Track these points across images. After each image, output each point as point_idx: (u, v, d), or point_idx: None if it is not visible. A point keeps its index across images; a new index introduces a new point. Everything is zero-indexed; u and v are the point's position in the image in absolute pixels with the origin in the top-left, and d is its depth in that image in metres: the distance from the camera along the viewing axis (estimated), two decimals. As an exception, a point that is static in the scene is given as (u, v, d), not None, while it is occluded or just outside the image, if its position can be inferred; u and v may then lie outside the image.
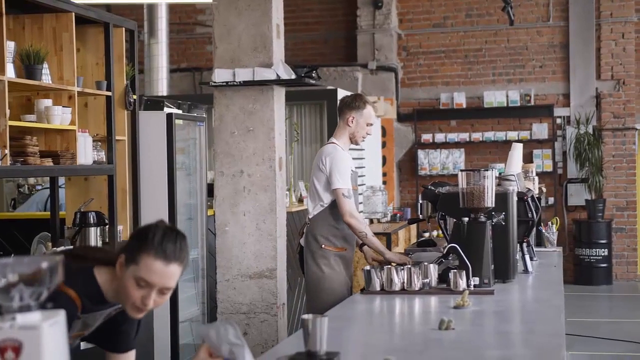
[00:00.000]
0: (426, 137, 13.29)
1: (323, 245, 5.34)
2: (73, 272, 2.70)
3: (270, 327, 5.84)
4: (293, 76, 5.77)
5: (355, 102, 5.44)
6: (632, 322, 10.20)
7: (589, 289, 12.37)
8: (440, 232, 5.34)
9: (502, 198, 4.67)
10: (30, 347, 1.76)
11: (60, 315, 1.82)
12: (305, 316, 2.80)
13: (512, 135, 12.93)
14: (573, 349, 8.29)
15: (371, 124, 5.48)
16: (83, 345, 4.74)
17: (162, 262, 2.66)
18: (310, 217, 5.42)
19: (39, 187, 9.03)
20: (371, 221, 10.48)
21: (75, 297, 2.72)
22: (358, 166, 10.62)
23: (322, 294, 5.34)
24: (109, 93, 5.88)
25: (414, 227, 11.66)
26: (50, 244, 5.75)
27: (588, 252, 12.61)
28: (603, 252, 12.59)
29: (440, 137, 13.24)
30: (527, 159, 12.54)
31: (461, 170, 4.61)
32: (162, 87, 11.16)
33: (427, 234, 10.96)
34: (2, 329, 1.75)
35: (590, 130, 12.74)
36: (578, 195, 12.94)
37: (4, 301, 1.79)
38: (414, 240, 10.70)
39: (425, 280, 4.37)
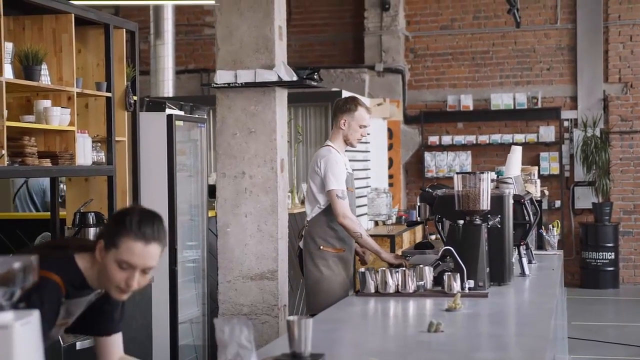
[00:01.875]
0: (433, 139, 13.28)
1: (321, 247, 5.39)
2: (55, 260, 2.81)
3: (272, 329, 5.84)
4: (295, 78, 5.77)
5: (347, 104, 5.49)
6: (638, 326, 10.16)
7: (596, 292, 12.33)
8: (438, 234, 5.33)
9: (498, 201, 4.67)
10: (2, 346, 1.76)
11: (33, 315, 1.83)
12: (290, 318, 2.81)
13: (519, 137, 12.90)
14: (577, 352, 8.26)
15: (364, 126, 5.51)
16: (80, 345, 4.77)
17: (142, 243, 2.75)
18: (308, 219, 5.49)
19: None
20: (376, 223, 10.49)
21: (60, 281, 2.79)
22: (363, 168, 10.65)
23: (321, 295, 5.38)
24: (109, 94, 5.90)
25: (419, 229, 11.64)
26: (50, 244, 5.77)
27: (595, 255, 12.57)
28: (610, 255, 12.55)
29: (447, 139, 13.23)
30: (534, 161, 12.52)
31: (457, 173, 4.61)
32: (167, 88, 11.19)
33: (433, 237, 10.95)
34: (-26, 329, 1.76)
35: (598, 133, 12.70)
36: (585, 199, 12.91)
37: (-23, 301, 1.80)
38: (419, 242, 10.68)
39: (420, 282, 4.37)
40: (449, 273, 4.33)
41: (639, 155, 12.94)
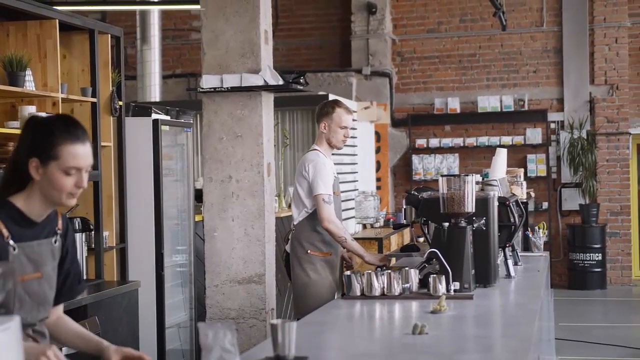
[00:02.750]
0: (420, 142, 13.31)
1: (309, 251, 5.42)
2: None
3: (259, 333, 5.84)
4: (280, 82, 5.78)
5: (325, 108, 5.61)
6: (626, 326, 10.20)
7: (583, 293, 12.37)
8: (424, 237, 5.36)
9: (482, 203, 4.68)
10: (-18, 352, 1.77)
11: (14, 321, 1.84)
12: (274, 321, 2.82)
13: (506, 140, 12.94)
14: (564, 353, 8.29)
15: (345, 127, 5.57)
16: (65, 350, 4.75)
17: (80, 144, 2.77)
18: (294, 223, 5.53)
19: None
20: (364, 226, 10.50)
21: None
22: (351, 171, 10.68)
23: (309, 299, 5.40)
24: (95, 100, 5.90)
25: (407, 232, 11.66)
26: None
27: (582, 256, 12.61)
28: (597, 256, 12.59)
29: (434, 142, 13.26)
30: (521, 163, 12.55)
31: (442, 176, 4.63)
32: (154, 93, 11.19)
33: (421, 239, 10.95)
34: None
35: (584, 135, 12.75)
36: (572, 200, 12.95)
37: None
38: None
39: (406, 285, 4.38)
40: (435, 275, 4.34)
41: (625, 156, 12.99)
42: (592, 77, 13.02)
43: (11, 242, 2.75)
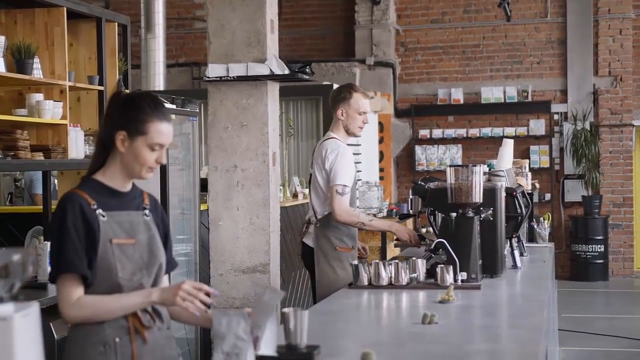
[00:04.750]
0: (423, 132, 13.31)
1: (337, 248, 5.25)
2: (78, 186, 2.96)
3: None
4: (286, 71, 5.76)
5: (341, 93, 5.36)
6: (627, 317, 10.22)
7: (585, 285, 12.39)
8: (430, 227, 5.34)
9: (490, 193, 4.68)
10: (3, 338, 1.77)
11: (33, 307, 1.85)
12: (286, 310, 2.82)
13: (510, 131, 12.94)
14: (567, 344, 8.31)
15: (364, 112, 5.35)
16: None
17: (166, 122, 2.97)
18: (318, 216, 5.29)
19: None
20: (367, 216, 10.49)
21: (81, 192, 2.91)
22: (354, 161, 10.67)
23: None
24: (102, 88, 5.91)
25: (410, 222, 11.67)
26: (42, 237, 5.77)
27: (584, 248, 12.63)
28: (599, 248, 12.61)
29: (437, 132, 13.26)
30: (524, 155, 12.55)
31: (449, 166, 4.62)
32: (159, 82, 11.17)
33: (424, 230, 10.96)
34: (-26, 320, 1.77)
35: (588, 127, 12.76)
36: (575, 192, 12.96)
37: (-23, 293, 1.81)
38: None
39: (413, 275, 4.38)
40: (442, 265, 4.34)
41: (628, 148, 12.99)
42: (596, 69, 13.01)
43: (99, 210, 2.90)
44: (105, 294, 2.89)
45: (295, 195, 8.69)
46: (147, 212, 3.05)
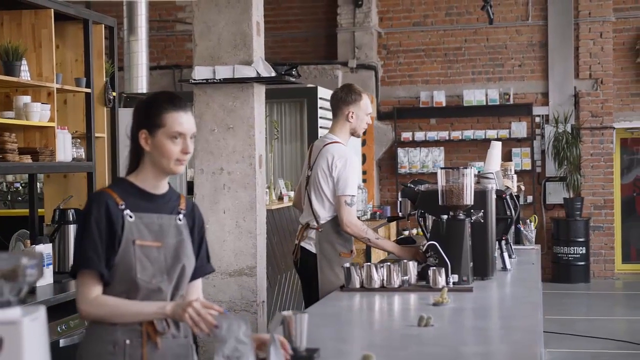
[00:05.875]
0: (406, 135, 13.33)
1: (341, 254, 5.16)
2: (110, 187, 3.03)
3: (251, 325, 5.83)
4: (273, 74, 5.76)
5: (351, 95, 5.19)
6: (609, 319, 10.28)
7: (567, 286, 12.45)
8: (420, 229, 5.35)
9: (481, 196, 4.70)
10: (11, 342, 1.75)
11: (40, 311, 1.83)
12: (286, 313, 2.81)
13: (492, 133, 12.99)
14: (550, 346, 8.35)
15: (369, 113, 5.28)
16: (63, 342, 4.74)
17: (183, 112, 2.98)
18: (321, 222, 5.15)
19: (17, 185, 8.98)
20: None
21: (110, 191, 2.96)
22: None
23: None
24: (89, 90, 5.87)
25: (393, 225, 11.69)
26: (28, 241, 5.72)
27: (566, 250, 12.69)
28: (581, 250, 12.68)
29: (420, 135, 13.28)
30: (506, 157, 12.60)
31: (441, 168, 4.63)
32: (141, 84, 11.13)
33: (406, 232, 11.00)
34: (-18, 325, 1.75)
35: (569, 129, 12.82)
36: (556, 194, 13.03)
37: (-16, 297, 1.79)
38: (393, 238, 10.73)
39: (405, 277, 4.38)
40: (434, 268, 4.34)
41: (609, 150, 13.07)
42: (577, 72, 13.09)
43: (127, 211, 2.94)
44: (123, 293, 2.92)
45: (280, 198, 8.67)
46: (181, 216, 3.06)
